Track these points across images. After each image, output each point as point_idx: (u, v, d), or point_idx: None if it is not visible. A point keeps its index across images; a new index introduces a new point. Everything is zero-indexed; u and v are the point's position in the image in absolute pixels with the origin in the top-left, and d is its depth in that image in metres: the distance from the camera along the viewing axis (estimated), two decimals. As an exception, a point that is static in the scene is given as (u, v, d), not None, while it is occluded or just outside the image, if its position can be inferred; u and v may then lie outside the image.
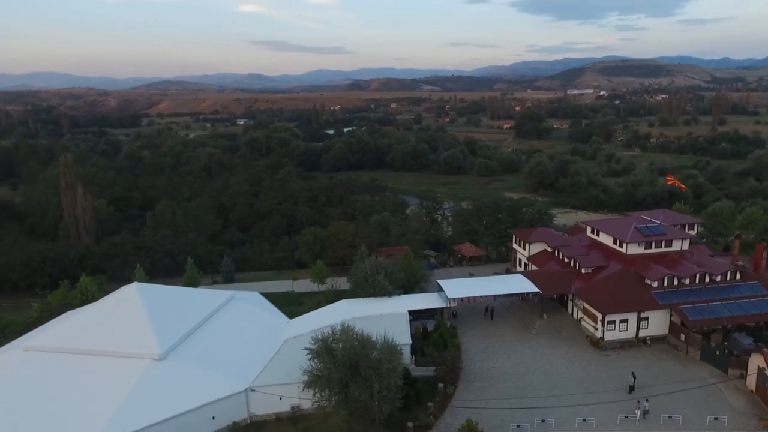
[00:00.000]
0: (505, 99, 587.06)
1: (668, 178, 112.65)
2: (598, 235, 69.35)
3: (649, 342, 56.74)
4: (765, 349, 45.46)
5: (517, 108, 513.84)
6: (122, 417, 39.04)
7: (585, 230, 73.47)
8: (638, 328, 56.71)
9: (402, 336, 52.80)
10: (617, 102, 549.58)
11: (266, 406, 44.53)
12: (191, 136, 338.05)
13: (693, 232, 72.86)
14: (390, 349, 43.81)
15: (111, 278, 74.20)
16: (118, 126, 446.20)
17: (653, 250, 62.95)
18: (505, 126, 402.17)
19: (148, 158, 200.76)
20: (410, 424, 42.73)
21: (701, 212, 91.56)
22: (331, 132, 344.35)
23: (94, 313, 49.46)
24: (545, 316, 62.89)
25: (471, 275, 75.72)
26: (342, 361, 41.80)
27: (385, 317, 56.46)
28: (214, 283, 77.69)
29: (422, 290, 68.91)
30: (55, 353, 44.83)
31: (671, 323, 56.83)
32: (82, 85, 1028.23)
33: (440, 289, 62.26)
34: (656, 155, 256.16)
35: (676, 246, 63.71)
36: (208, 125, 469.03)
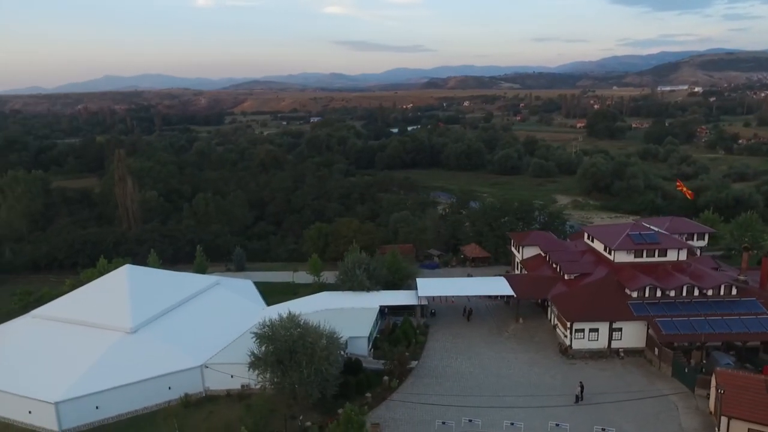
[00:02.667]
0: (584, 96, 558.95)
1: (677, 183, 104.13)
2: (593, 241, 66.93)
3: (622, 354, 54.49)
4: (720, 369, 42.49)
5: (595, 106, 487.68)
6: (88, 379, 45.19)
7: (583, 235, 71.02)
8: (610, 339, 54.63)
9: (362, 329, 55.25)
10: (712, 99, 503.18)
11: (219, 382, 48.90)
12: (265, 133, 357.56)
13: (703, 242, 68.00)
14: (327, 338, 46.31)
15: (137, 262, 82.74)
16: (204, 123, 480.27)
17: (644, 259, 59.92)
18: (578, 125, 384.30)
19: (214, 154, 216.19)
20: (340, 411, 45.01)
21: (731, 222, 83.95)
22: (395, 130, 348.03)
23: (91, 289, 56.85)
24: (521, 320, 62.15)
25: (469, 275, 76.01)
26: (281, 346, 45.04)
27: (352, 310, 59.35)
28: (227, 270, 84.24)
29: (409, 287, 70.36)
30: (51, 321, 52.45)
31: (648, 336, 54.13)
32: (182, 86, 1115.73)
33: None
34: (742, 158, 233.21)
35: (672, 256, 60.14)
36: (284, 123, 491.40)
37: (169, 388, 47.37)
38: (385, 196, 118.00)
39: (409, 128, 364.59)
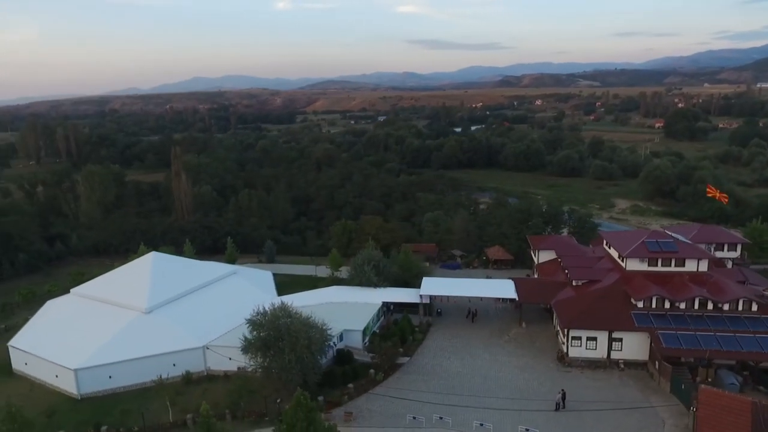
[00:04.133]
0: (668, 94, 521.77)
1: (708, 188, 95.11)
2: (609, 247, 64.33)
3: (622, 365, 52.38)
4: (704, 387, 39.96)
5: (679, 104, 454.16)
6: (104, 351, 50.88)
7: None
8: (609, 349, 52.67)
9: (358, 323, 57.27)
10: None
11: (219, 363, 52.94)
12: (332, 131, 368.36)
13: (735, 253, 63.22)
14: (315, 329, 48.74)
15: (178, 250, 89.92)
16: (277, 122, 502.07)
17: (659, 268, 56.86)
18: (656, 125, 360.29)
19: (275, 152, 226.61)
20: (320, 398, 47.38)
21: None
22: (457, 130, 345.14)
23: (121, 272, 63.39)
24: (524, 324, 61.24)
25: (488, 277, 75.54)
26: (269, 333, 48.11)
27: (354, 305, 61.57)
28: (258, 262, 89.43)
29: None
30: (85, 298, 59.21)
31: (651, 349, 51.60)
32: (261, 86, 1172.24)
33: (425, 286, 64.46)
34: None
35: (691, 266, 56.55)
36: (351, 122, 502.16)
37: (174, 365, 52.03)
38: (423, 196, 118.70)
39: (473, 128, 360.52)
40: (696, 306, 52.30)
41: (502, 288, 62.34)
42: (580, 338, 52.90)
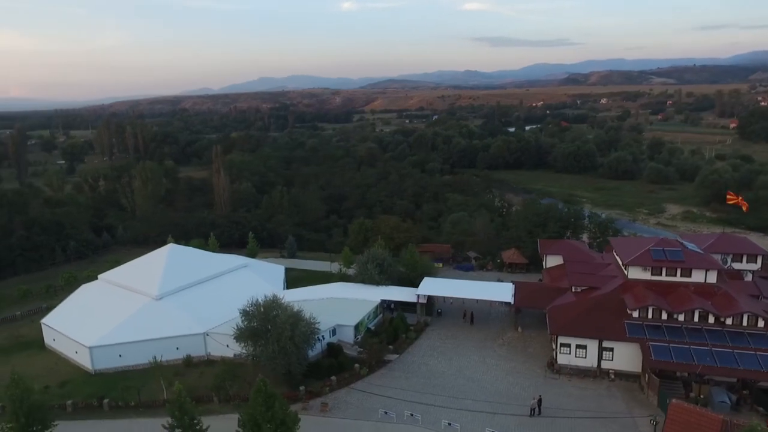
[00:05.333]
0: (751, 92, 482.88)
1: (728, 195, 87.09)
2: (616, 254, 61.98)
3: (612, 376, 50.74)
4: (675, 402, 38.15)
5: (762, 103, 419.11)
6: (116, 331, 55.78)
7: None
8: (600, 358, 51.14)
9: (351, 318, 59.02)
10: None
11: (217, 349, 56.47)
12: (384, 131, 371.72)
13: (755, 265, 59.11)
14: (304, 323, 50.91)
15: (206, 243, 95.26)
16: (334, 121, 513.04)
17: (663, 278, 54.40)
18: (731, 125, 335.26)
19: (322, 151, 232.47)
20: (302, 388, 49.52)
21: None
22: (511, 129, 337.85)
23: (142, 261, 68.72)
24: (520, 329, 60.42)
25: (499, 281, 74.90)
26: (258, 323, 50.84)
27: (353, 301, 63.42)
28: (281, 256, 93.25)
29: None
30: (108, 284, 64.92)
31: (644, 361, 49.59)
32: (323, 86, 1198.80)
33: (426, 286, 65.10)
34: None
35: (697, 277, 53.64)
36: (406, 121, 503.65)
37: (177, 348, 56.07)
38: (452, 196, 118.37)
39: (528, 127, 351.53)
40: (696, 319, 49.68)
41: (500, 291, 61.81)
42: (569, 345, 51.74)
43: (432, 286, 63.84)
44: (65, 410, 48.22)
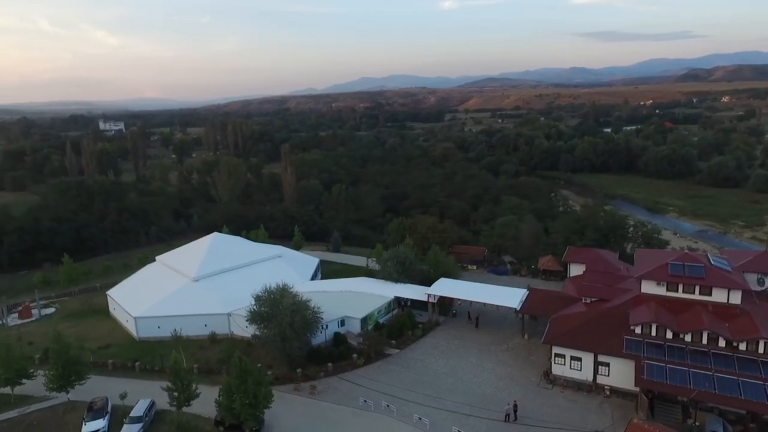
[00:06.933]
0: None
1: None
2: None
3: (608, 392, 48.64)
4: (635, 422, 36.29)
5: None
6: (157, 306, 64.06)
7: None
8: (595, 372, 49.23)
9: (360, 311, 62.08)
10: None
11: (239, 329, 62.41)
12: (474, 130, 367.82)
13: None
14: (311, 311, 55.03)
15: (271, 235, 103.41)
16: (425, 121, 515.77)
17: (679, 294, 50.84)
18: None
19: (399, 150, 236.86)
20: (299, 371, 53.59)
21: None
22: (607, 130, 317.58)
23: (191, 246, 77.30)
24: (526, 336, 59.39)
25: (528, 287, 73.64)
26: (265, 309, 55.79)
27: (368, 296, 66.33)
28: (327, 250, 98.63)
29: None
30: (161, 264, 74.12)
31: (642, 379, 46.99)
32: (422, 85, 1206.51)
33: (439, 286, 66.28)
34: None
35: (719, 296, 49.40)
36: (499, 121, 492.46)
37: (206, 325, 62.94)
38: (507, 199, 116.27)
39: (626, 128, 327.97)
40: (704, 340, 46.02)
41: (510, 296, 61.12)
42: (563, 356, 50.39)
43: (444, 287, 64.75)
44: (107, 368, 56.94)
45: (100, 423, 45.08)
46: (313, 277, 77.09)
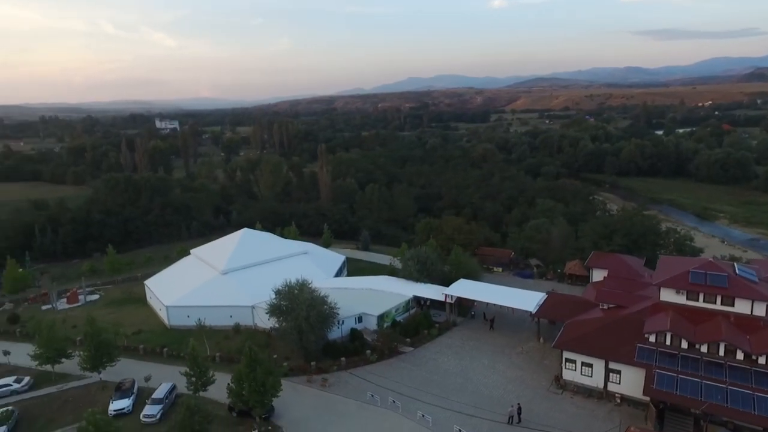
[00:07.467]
0: None
1: None
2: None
3: (618, 400, 47.75)
4: (632, 428, 35.64)
5: None
6: (187, 296, 67.79)
7: (668, 267, 59.79)
8: (606, 380, 48.40)
9: (376, 309, 63.41)
10: None
11: (262, 321, 64.93)
12: (519, 131, 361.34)
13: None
14: (323, 305, 56.86)
15: (303, 232, 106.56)
16: (471, 121, 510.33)
17: (699, 304, 49.18)
18: None
19: (440, 150, 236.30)
20: (313, 363, 55.49)
21: None
22: (659, 132, 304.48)
23: (223, 240, 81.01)
24: (542, 340, 58.83)
25: (552, 290, 72.83)
26: (284, 303, 58.03)
27: (388, 294, 67.43)
28: (356, 248, 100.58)
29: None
30: (194, 257, 78.20)
31: (655, 389, 45.86)
32: (470, 85, 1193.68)
33: (459, 286, 66.63)
34: None
35: (741, 308, 47.46)
36: (546, 122, 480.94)
37: (231, 316, 66.05)
38: (542, 202, 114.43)
39: (681, 130, 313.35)
40: (720, 352, 44.41)
41: (527, 299, 60.68)
42: (574, 362, 49.81)
43: (462, 288, 65.01)
44: (138, 352, 60.95)
45: (126, 402, 48.61)
46: (338, 274, 79.02)
